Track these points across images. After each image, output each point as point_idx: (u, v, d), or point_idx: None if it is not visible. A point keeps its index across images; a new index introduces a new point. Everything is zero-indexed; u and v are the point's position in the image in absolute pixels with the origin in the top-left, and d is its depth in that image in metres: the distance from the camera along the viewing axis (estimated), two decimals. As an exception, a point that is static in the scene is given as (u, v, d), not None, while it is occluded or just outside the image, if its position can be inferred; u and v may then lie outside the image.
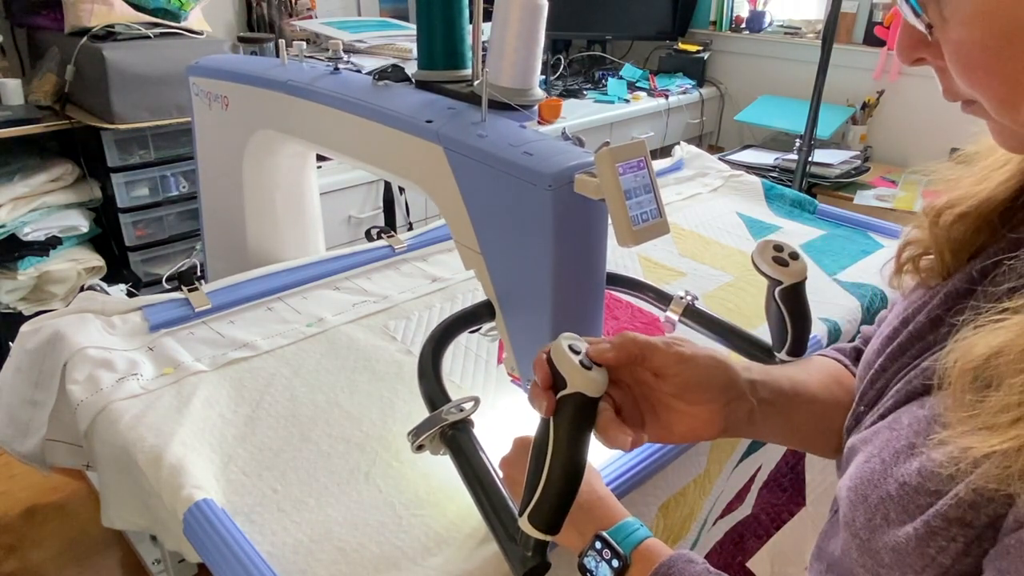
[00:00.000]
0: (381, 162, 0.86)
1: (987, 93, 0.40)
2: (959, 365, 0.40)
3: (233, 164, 1.14)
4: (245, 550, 0.64)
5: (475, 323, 0.77)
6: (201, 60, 1.14)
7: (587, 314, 0.73)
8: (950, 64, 0.41)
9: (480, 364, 0.99)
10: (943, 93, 0.45)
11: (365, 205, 2.08)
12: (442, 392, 0.67)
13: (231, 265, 1.25)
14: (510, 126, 0.73)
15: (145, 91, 1.64)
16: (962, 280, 0.50)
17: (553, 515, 0.50)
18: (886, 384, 0.52)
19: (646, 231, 0.60)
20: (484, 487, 0.60)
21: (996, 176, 0.51)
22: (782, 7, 3.09)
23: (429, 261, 1.25)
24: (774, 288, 0.72)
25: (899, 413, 0.47)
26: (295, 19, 2.31)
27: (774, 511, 1.12)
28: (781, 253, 0.71)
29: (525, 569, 0.54)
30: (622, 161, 0.59)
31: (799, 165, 2.30)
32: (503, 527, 0.57)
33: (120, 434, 0.80)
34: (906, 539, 0.41)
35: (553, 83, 2.92)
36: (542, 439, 0.50)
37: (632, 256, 1.31)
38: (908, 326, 0.52)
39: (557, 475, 0.49)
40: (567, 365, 0.49)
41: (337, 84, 0.90)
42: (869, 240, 1.42)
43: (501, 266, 0.72)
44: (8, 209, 1.64)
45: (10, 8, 1.85)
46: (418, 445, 0.64)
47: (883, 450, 0.45)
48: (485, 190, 0.70)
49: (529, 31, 0.73)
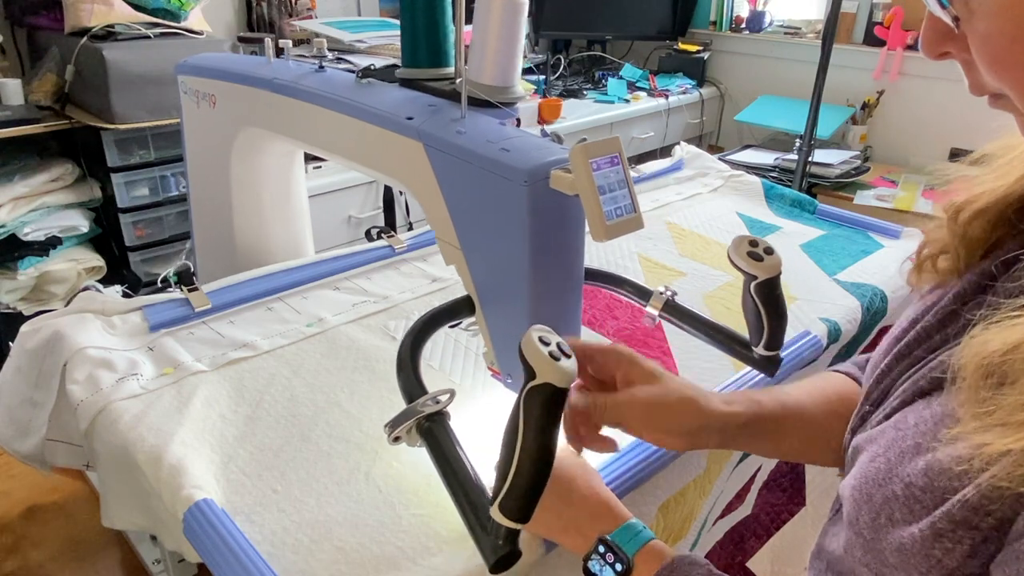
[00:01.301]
0: (364, 159, 0.87)
1: (1014, 85, 0.40)
2: (974, 361, 0.40)
3: (221, 162, 1.15)
4: (245, 550, 0.64)
5: (455, 318, 0.78)
6: (190, 58, 1.15)
7: (566, 308, 0.74)
8: (977, 57, 0.41)
9: (470, 357, 1.00)
10: (969, 87, 0.44)
11: (365, 205, 2.08)
12: (419, 385, 0.68)
13: (220, 264, 1.25)
14: (490, 123, 0.74)
15: (145, 91, 1.65)
16: (974, 278, 0.50)
17: (523, 504, 0.51)
18: (892, 383, 0.52)
19: (620, 226, 0.61)
20: (458, 478, 0.60)
21: (1013, 173, 0.51)
22: (782, 7, 3.09)
23: (429, 261, 1.25)
24: (749, 283, 0.73)
25: (905, 412, 0.47)
26: (295, 19, 2.31)
27: (774, 511, 1.12)
28: (756, 248, 0.72)
29: (496, 557, 0.54)
30: (596, 157, 0.60)
31: (799, 165, 2.30)
32: (476, 517, 0.57)
33: (120, 434, 0.80)
34: (911, 540, 0.41)
35: (553, 83, 2.92)
36: (512, 429, 0.51)
37: (632, 256, 1.31)
38: (916, 326, 0.52)
39: (526, 465, 0.51)
40: (536, 356, 0.50)
41: (321, 82, 0.91)
42: (869, 240, 1.42)
43: (480, 261, 0.73)
44: (8, 209, 1.64)
45: (10, 8, 1.85)
46: (395, 437, 0.65)
47: (888, 450, 0.45)
48: (464, 186, 0.72)
49: (509, 30, 0.74)
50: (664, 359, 1.02)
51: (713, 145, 3.31)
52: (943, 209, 0.55)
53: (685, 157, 1.76)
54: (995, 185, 0.51)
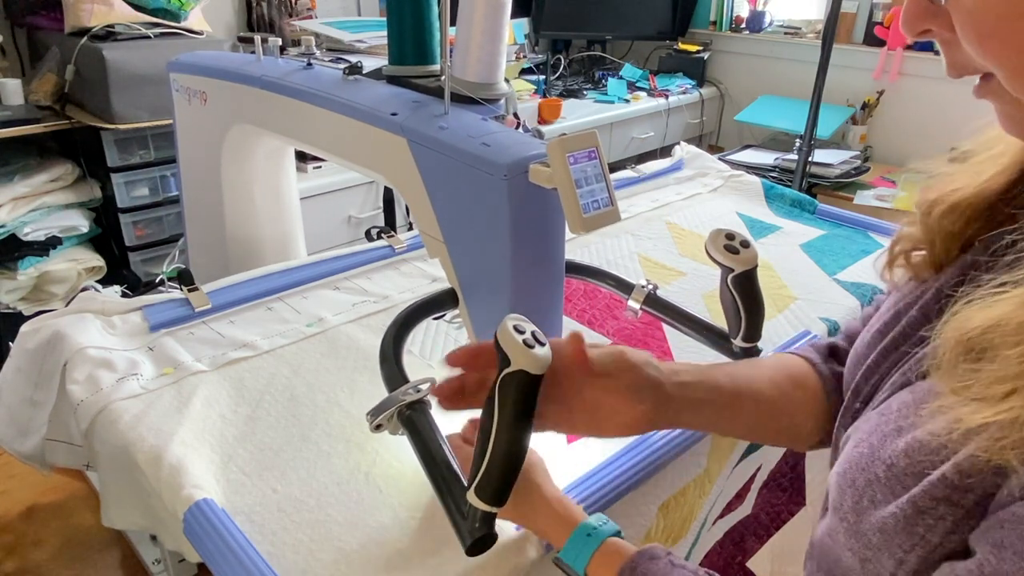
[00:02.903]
0: (350, 155, 0.88)
1: (1002, 63, 0.39)
2: (954, 336, 0.40)
3: (212, 159, 1.16)
4: (245, 550, 0.64)
5: (439, 310, 0.80)
6: (181, 56, 1.16)
7: (547, 300, 0.76)
8: (961, 34, 0.40)
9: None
10: (947, 68, 0.44)
11: (365, 205, 2.08)
12: (401, 374, 0.69)
13: (212, 262, 1.26)
14: (472, 119, 0.75)
15: (145, 91, 1.65)
16: (955, 273, 0.50)
17: (498, 488, 0.53)
18: (881, 379, 0.52)
19: (597, 219, 0.63)
20: (437, 465, 0.61)
21: (989, 169, 0.51)
22: (782, 7, 3.09)
23: (429, 261, 1.25)
24: (727, 276, 0.74)
25: (890, 400, 0.48)
26: (295, 19, 2.31)
27: (774, 511, 1.12)
28: (732, 241, 0.73)
29: (473, 539, 0.55)
30: (573, 151, 0.61)
31: (799, 165, 2.30)
32: (454, 503, 0.58)
33: (120, 434, 0.80)
34: (893, 519, 0.41)
35: (553, 83, 2.92)
36: (487, 415, 0.53)
37: (632, 256, 1.31)
38: (901, 320, 0.52)
39: (501, 450, 0.52)
40: (511, 344, 0.51)
41: (309, 79, 0.92)
42: (869, 240, 1.42)
43: (463, 254, 0.75)
44: (8, 209, 1.64)
45: (10, 8, 1.85)
46: (376, 425, 0.66)
47: (872, 435, 0.45)
48: (446, 180, 0.73)
49: (493, 27, 0.75)
50: (664, 359, 1.02)
51: (713, 145, 3.31)
52: (916, 205, 0.55)
53: (685, 157, 1.76)
54: (968, 182, 0.51)
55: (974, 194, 0.51)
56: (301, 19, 2.32)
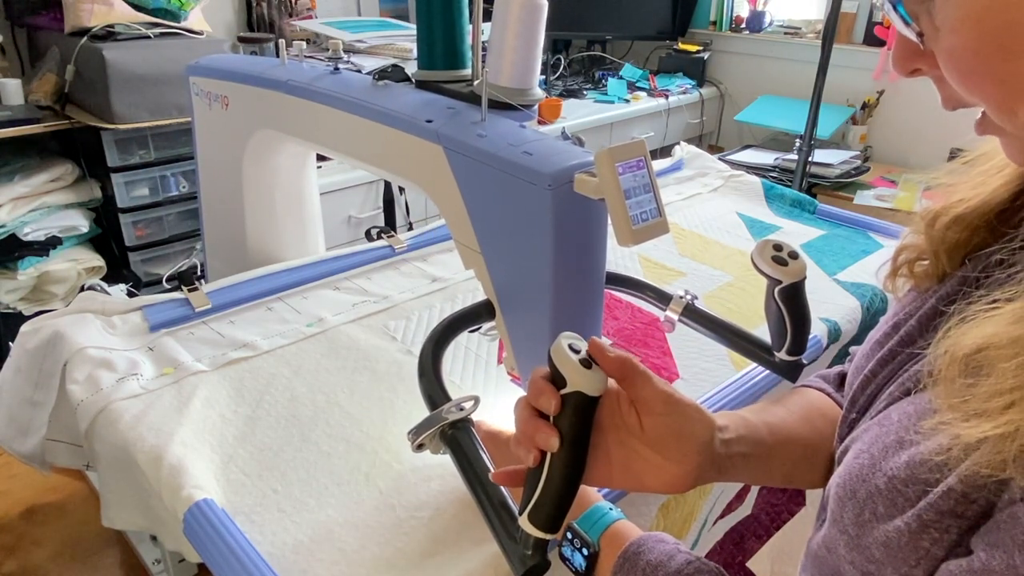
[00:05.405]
0: (381, 162, 0.86)
1: (986, 98, 0.40)
2: (950, 353, 0.40)
3: (233, 164, 1.14)
4: (245, 550, 0.64)
5: (475, 322, 0.77)
6: (201, 60, 1.14)
7: (587, 313, 0.73)
8: (945, 72, 0.41)
9: (480, 364, 0.99)
10: (943, 103, 0.44)
11: (365, 205, 2.08)
12: (442, 391, 0.67)
13: (231, 265, 1.25)
14: (510, 126, 0.73)
15: (145, 91, 1.65)
16: (955, 283, 0.50)
17: (553, 514, 0.50)
18: (878, 389, 0.52)
19: (646, 230, 0.60)
20: (484, 486, 0.59)
21: (993, 181, 0.51)
22: (782, 7, 3.09)
23: (429, 261, 1.25)
24: (773, 287, 0.73)
25: (889, 411, 0.47)
26: (295, 19, 2.31)
27: (774, 511, 1.12)
28: (780, 252, 0.72)
29: (525, 568, 0.53)
30: (621, 161, 0.59)
31: (799, 165, 2.30)
32: (503, 526, 0.57)
33: (120, 434, 0.80)
34: (897, 533, 0.41)
35: (553, 83, 2.92)
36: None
37: (632, 256, 1.31)
38: (899, 331, 0.52)
39: (558, 474, 0.50)
40: (567, 364, 0.50)
41: (337, 84, 0.90)
42: (869, 240, 1.42)
43: (501, 265, 0.72)
44: (8, 209, 1.64)
45: (10, 8, 1.85)
46: (418, 444, 0.64)
47: (872, 446, 0.45)
48: (485, 190, 0.70)
49: (529, 31, 0.73)
50: (664, 359, 1.02)
51: (713, 145, 3.31)
52: (920, 216, 0.55)
53: (685, 157, 1.76)
54: (972, 193, 0.52)
55: (978, 206, 0.51)
56: (301, 19, 2.32)
